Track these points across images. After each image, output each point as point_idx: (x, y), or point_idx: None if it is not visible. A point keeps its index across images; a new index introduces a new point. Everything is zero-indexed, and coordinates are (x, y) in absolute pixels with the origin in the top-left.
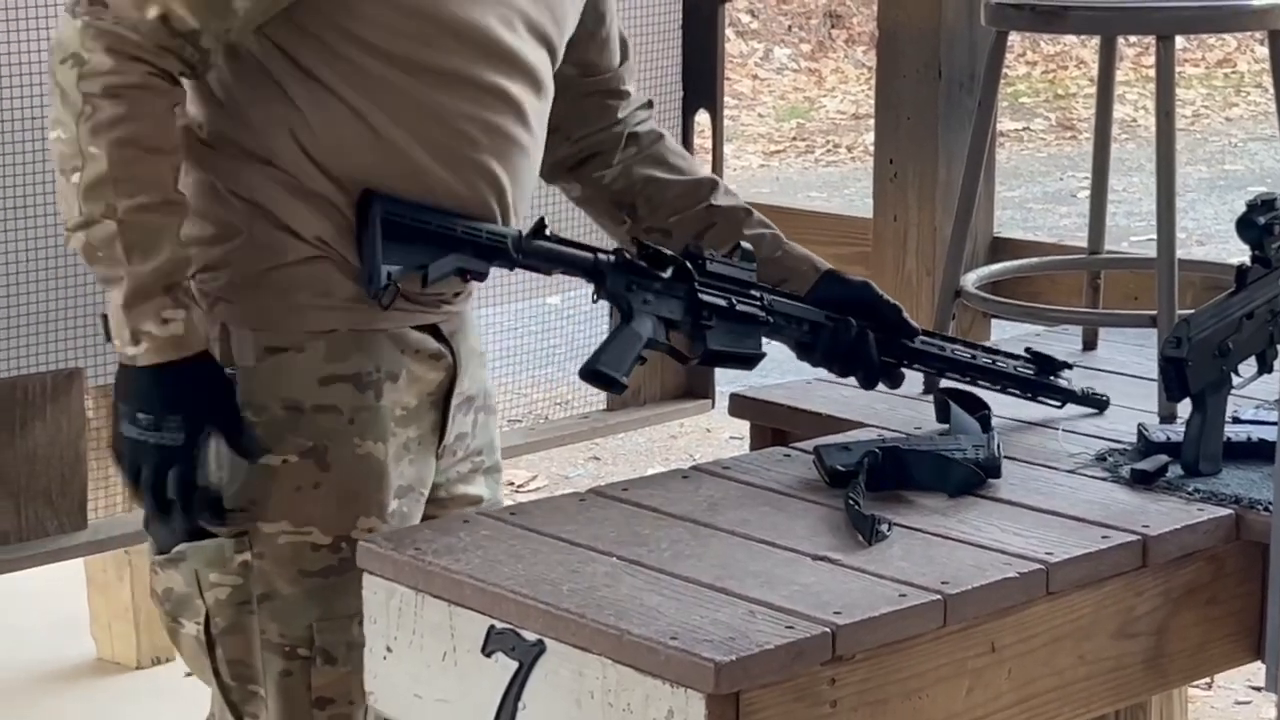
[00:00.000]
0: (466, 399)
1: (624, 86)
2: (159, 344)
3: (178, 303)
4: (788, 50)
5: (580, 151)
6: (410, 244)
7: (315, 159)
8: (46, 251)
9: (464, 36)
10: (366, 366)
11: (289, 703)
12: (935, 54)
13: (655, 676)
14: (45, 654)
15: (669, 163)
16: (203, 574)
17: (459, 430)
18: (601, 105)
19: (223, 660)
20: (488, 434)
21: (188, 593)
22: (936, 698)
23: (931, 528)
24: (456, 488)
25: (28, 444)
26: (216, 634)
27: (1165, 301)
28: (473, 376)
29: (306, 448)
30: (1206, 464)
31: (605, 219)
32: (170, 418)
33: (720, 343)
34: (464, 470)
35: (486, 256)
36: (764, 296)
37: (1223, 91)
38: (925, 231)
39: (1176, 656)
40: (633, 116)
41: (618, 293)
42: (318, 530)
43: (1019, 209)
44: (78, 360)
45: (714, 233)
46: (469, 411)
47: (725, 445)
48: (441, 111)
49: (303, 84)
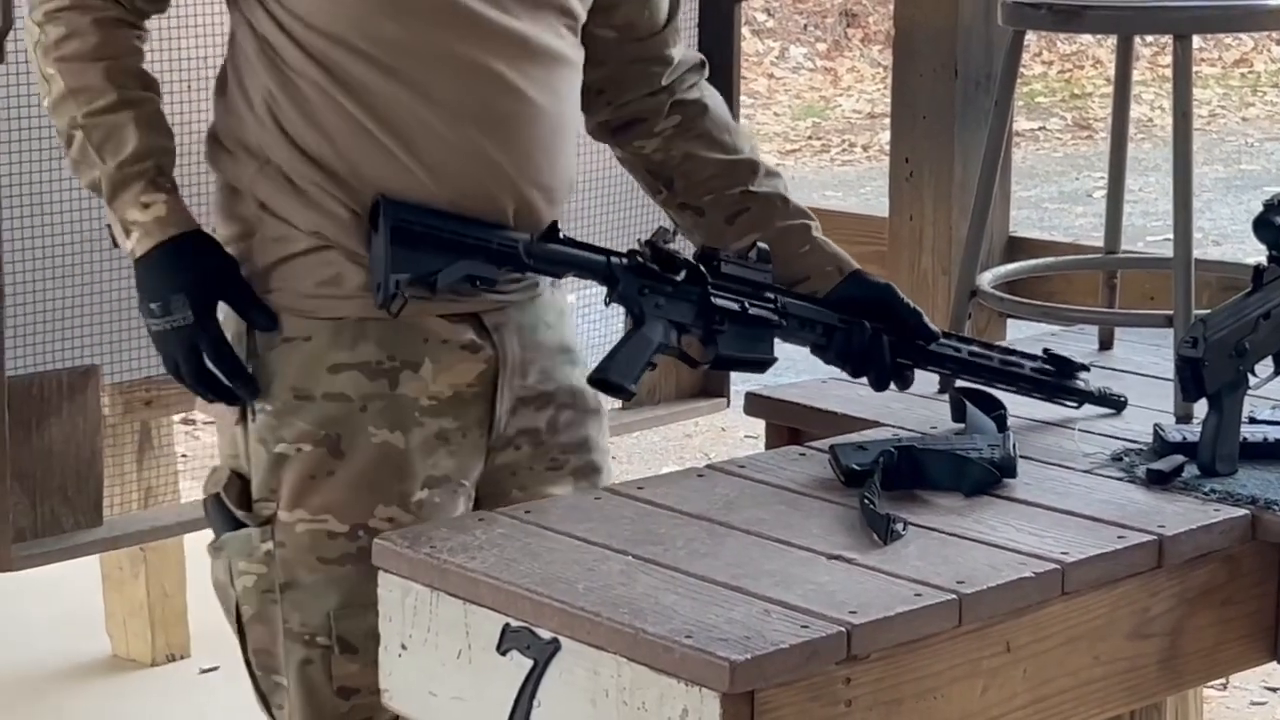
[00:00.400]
0: (538, 394)
1: (668, 51)
2: (146, 228)
3: (157, 187)
4: (803, 49)
5: (622, 116)
6: (420, 251)
7: (303, 150)
8: (62, 250)
9: (413, 10)
10: (377, 355)
11: (309, 692)
12: (952, 53)
13: (670, 675)
14: (60, 650)
15: (711, 138)
16: (234, 563)
17: (524, 425)
18: (646, 72)
19: (251, 650)
20: (579, 433)
21: (225, 581)
22: (951, 697)
23: (947, 527)
24: (535, 486)
25: (44, 441)
26: (245, 622)
27: (1182, 301)
28: (544, 372)
29: (319, 435)
30: (1222, 464)
31: (644, 185)
32: (174, 298)
33: (732, 348)
34: (540, 468)
35: (497, 262)
36: (778, 299)
37: (1239, 91)
38: (941, 231)
39: (1191, 657)
40: (681, 81)
41: (630, 296)
42: (334, 518)
43: (1034, 209)
44: (94, 358)
45: (747, 218)
46: (545, 408)
47: (740, 444)
48: (393, 94)
49: (276, 69)
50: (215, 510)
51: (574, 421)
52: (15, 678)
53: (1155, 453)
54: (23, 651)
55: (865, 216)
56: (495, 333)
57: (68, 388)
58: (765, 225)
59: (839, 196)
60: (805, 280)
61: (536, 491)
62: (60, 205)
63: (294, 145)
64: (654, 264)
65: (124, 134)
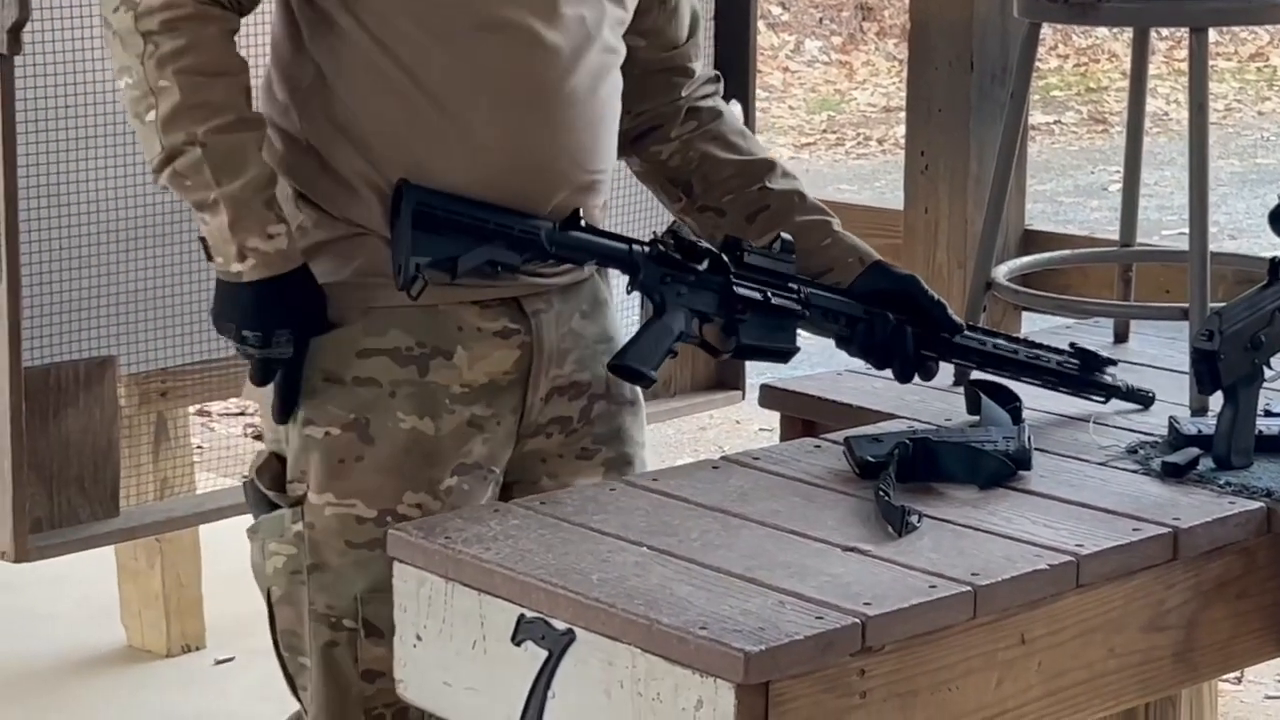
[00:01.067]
0: (572, 384)
1: (690, 64)
2: (266, 259)
3: (279, 217)
4: (819, 43)
5: (639, 125)
6: (441, 235)
7: (347, 132)
8: (80, 240)
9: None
10: (406, 341)
11: (333, 674)
12: (967, 46)
13: (685, 666)
14: (75, 641)
15: (727, 140)
16: (267, 544)
17: (556, 414)
18: (667, 82)
19: (279, 630)
20: (613, 424)
21: (260, 563)
22: (966, 689)
23: (962, 519)
24: (563, 475)
25: (61, 431)
26: (275, 603)
27: (1197, 294)
28: (579, 362)
29: (348, 420)
30: (1238, 457)
31: (662, 194)
32: (279, 332)
33: (753, 337)
34: (570, 456)
35: (519, 249)
36: (801, 290)
37: (1255, 85)
38: (956, 224)
39: (1206, 650)
40: (696, 91)
41: (652, 285)
42: (362, 503)
43: (1050, 202)
44: (111, 348)
45: (767, 215)
46: (578, 397)
47: (754, 437)
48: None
49: (328, 46)
50: (252, 494)
51: (607, 412)
52: (30, 668)
53: (1170, 445)
54: (38, 642)
55: (881, 209)
56: (533, 318)
57: (84, 378)
58: (785, 221)
59: (854, 190)
60: (828, 272)
61: (566, 480)
62: (78, 197)
63: (338, 128)
64: (677, 253)
65: (244, 156)
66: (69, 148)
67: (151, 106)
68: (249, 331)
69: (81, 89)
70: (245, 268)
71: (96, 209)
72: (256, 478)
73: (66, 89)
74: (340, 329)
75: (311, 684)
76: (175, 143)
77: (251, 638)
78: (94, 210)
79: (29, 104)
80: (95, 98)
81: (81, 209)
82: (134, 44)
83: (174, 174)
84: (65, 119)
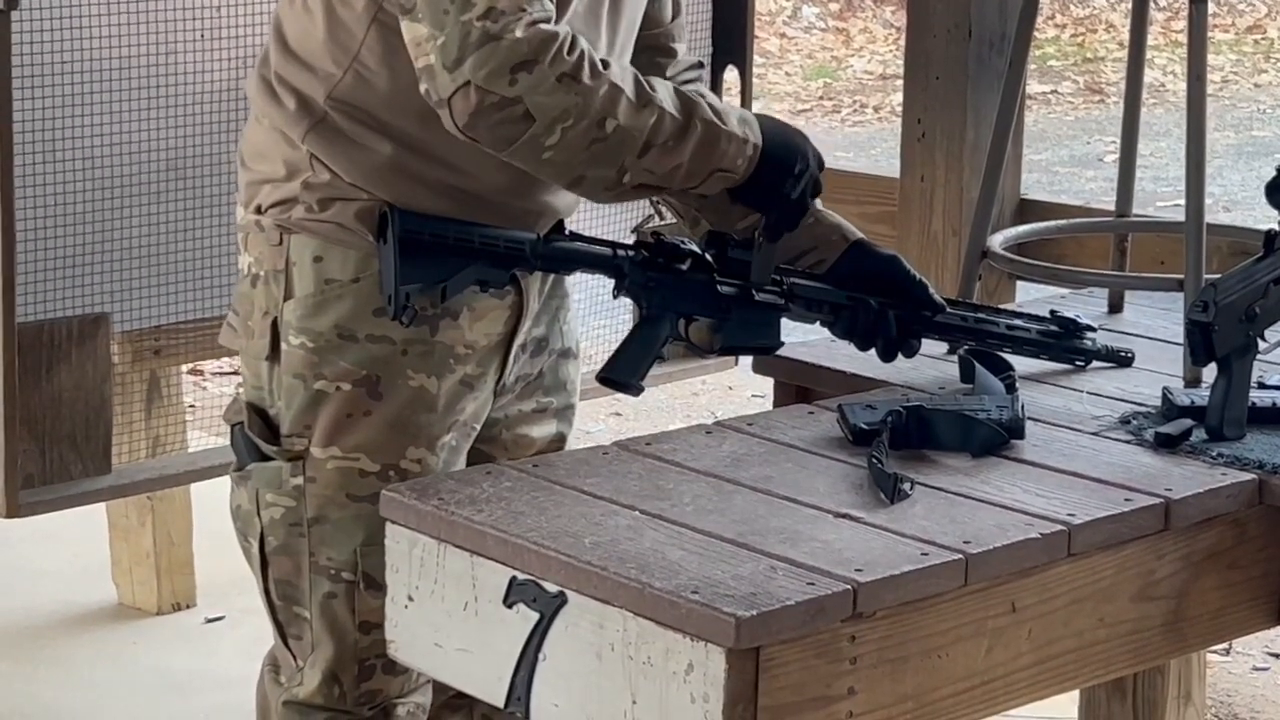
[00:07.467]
0: (537, 341)
1: (674, 44)
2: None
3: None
4: (816, 9)
5: None
6: (428, 259)
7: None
8: (74, 196)
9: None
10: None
11: (331, 624)
12: (966, 13)
13: (676, 630)
14: (66, 598)
15: None
16: (262, 493)
17: (520, 372)
18: (650, 62)
19: (272, 579)
20: (558, 375)
21: (250, 510)
22: (956, 656)
23: (954, 487)
24: (519, 429)
25: (53, 388)
26: (269, 552)
27: (1192, 266)
28: (541, 318)
29: (359, 375)
30: (1231, 429)
31: None
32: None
33: (737, 336)
34: (526, 410)
35: (505, 265)
36: (784, 281)
37: (1252, 58)
38: (952, 192)
39: (1196, 621)
40: (680, 75)
41: (637, 289)
42: (366, 457)
43: (1045, 172)
44: (104, 305)
45: None
46: (539, 354)
47: (747, 403)
48: None
49: (384, 26)
50: (241, 440)
51: (558, 366)
52: (21, 625)
53: (1163, 416)
54: (29, 599)
55: (877, 176)
56: (522, 279)
57: (78, 335)
58: None
59: (849, 157)
60: (811, 250)
61: (521, 433)
62: (73, 153)
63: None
64: (660, 256)
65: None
66: (65, 104)
67: (650, 145)
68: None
69: (78, 45)
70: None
71: (92, 166)
72: (249, 428)
73: (63, 45)
74: (356, 284)
75: (311, 635)
76: (643, 125)
77: (242, 596)
78: (90, 167)
79: (25, 59)
80: (92, 54)
81: (77, 165)
82: (568, 100)
83: (698, 145)
84: (62, 75)
